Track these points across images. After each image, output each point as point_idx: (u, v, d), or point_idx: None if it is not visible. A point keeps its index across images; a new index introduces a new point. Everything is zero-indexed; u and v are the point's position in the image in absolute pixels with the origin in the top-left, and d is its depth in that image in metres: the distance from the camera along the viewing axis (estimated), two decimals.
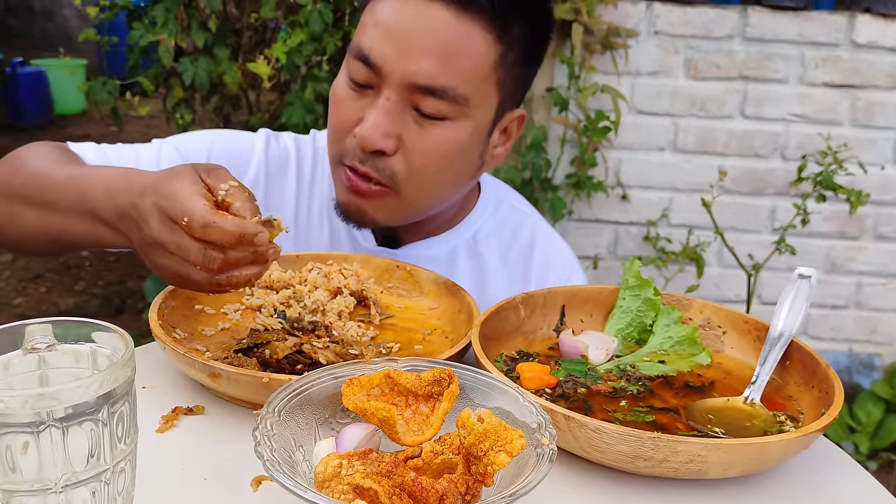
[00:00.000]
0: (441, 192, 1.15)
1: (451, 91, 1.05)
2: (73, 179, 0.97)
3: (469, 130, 1.10)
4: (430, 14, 1.03)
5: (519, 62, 1.12)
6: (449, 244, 1.28)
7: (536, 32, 1.13)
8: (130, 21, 2.63)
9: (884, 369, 2.94)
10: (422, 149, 1.08)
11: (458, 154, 1.10)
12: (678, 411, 0.83)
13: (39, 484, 0.53)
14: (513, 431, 0.61)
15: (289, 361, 0.85)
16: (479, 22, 1.05)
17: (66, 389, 0.53)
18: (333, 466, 0.61)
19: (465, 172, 1.16)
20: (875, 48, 2.64)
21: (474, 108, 1.08)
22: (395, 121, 1.06)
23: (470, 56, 1.05)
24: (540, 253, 1.31)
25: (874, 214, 2.80)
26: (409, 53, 1.03)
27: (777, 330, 0.91)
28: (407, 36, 1.04)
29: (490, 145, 1.17)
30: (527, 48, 1.12)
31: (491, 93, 1.10)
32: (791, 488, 0.77)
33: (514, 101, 1.17)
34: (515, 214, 1.34)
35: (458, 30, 1.04)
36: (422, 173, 1.09)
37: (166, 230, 0.82)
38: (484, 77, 1.08)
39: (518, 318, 0.98)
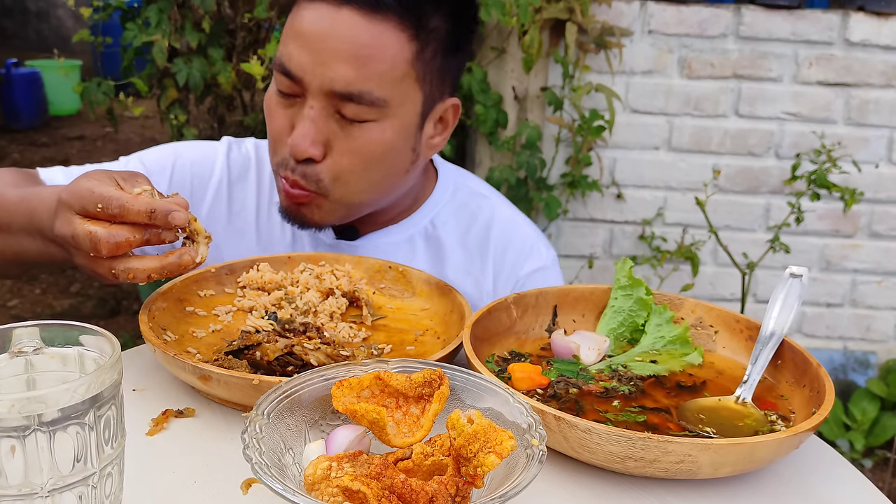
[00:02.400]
0: (373, 189, 1.17)
1: (367, 95, 1.07)
2: (23, 201, 1.00)
3: (394, 129, 1.11)
4: (341, 20, 1.05)
5: (441, 54, 1.12)
6: (407, 231, 1.29)
7: (457, 21, 1.13)
8: (124, 22, 2.62)
9: (879, 367, 2.94)
10: (348, 151, 1.10)
11: (385, 153, 1.12)
12: (670, 411, 0.83)
13: (26, 488, 0.53)
14: (503, 433, 0.61)
15: (280, 363, 0.85)
16: (391, 22, 1.06)
17: (53, 393, 0.52)
18: (323, 469, 0.61)
19: (397, 168, 1.17)
20: (869, 46, 2.64)
21: (397, 107, 1.10)
22: (321, 128, 1.08)
23: (383, 58, 1.06)
24: (498, 232, 1.32)
25: (868, 212, 2.81)
26: (324, 61, 1.05)
27: (768, 329, 0.91)
28: (321, 44, 1.06)
29: (424, 137, 1.18)
30: (448, 38, 1.12)
31: (413, 90, 1.11)
32: (782, 488, 0.77)
33: (444, 92, 1.18)
34: (474, 198, 1.34)
35: (369, 33, 1.05)
36: (349, 175, 1.11)
37: (64, 224, 0.87)
38: (401, 76, 1.09)
39: (510, 319, 0.98)
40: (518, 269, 1.30)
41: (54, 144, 6.38)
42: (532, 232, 1.35)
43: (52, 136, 6.57)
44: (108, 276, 0.88)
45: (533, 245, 1.32)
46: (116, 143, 6.41)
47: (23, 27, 9.18)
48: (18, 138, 6.43)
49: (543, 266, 1.31)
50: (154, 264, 0.87)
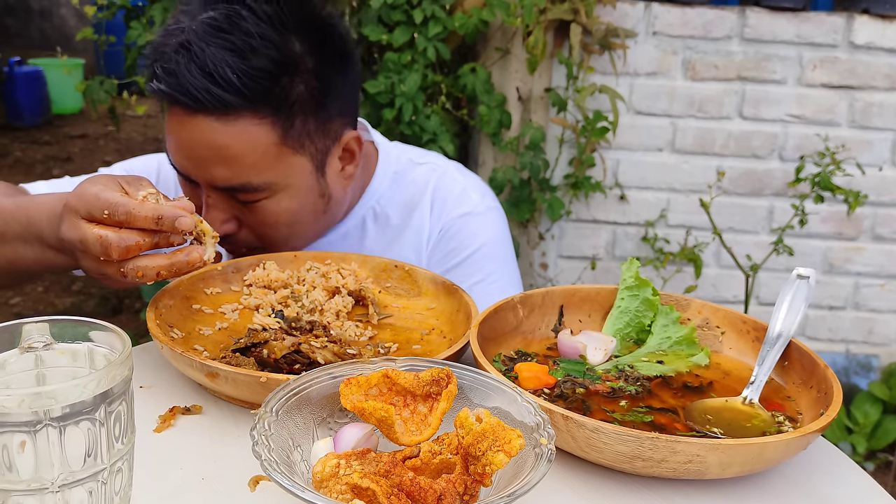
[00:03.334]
0: (301, 237, 1.21)
1: (248, 186, 1.10)
2: (19, 209, 1.01)
3: (291, 196, 1.14)
4: (198, 127, 1.06)
5: (312, 115, 1.13)
6: (356, 216, 1.32)
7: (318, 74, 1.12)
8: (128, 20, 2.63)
9: (881, 370, 2.94)
10: (258, 224, 1.15)
11: (293, 215, 1.16)
12: (677, 412, 0.83)
13: (36, 483, 0.53)
14: (511, 431, 0.61)
15: (287, 361, 0.85)
16: (246, 117, 1.06)
17: (63, 388, 0.52)
18: (331, 466, 0.61)
19: (312, 217, 1.20)
20: (873, 49, 2.64)
21: (284, 181, 1.12)
22: (225, 209, 1.13)
23: (249, 152, 1.08)
24: (433, 187, 1.33)
25: (872, 215, 2.80)
26: (198, 166, 1.09)
27: (775, 330, 0.91)
28: (188, 151, 1.09)
29: (330, 177, 1.20)
30: (314, 97, 1.12)
31: (294, 160, 1.13)
32: (789, 488, 0.77)
33: (336, 136, 1.18)
34: (413, 167, 1.36)
35: (226, 135, 1.06)
36: (271, 238, 1.17)
37: (70, 229, 0.88)
38: (275, 158, 1.10)
39: (516, 318, 0.98)
40: (444, 214, 1.32)
41: (57, 143, 6.38)
42: (466, 181, 1.36)
43: (54, 135, 6.57)
44: (117, 276, 0.88)
45: (463, 191, 1.34)
46: (118, 141, 6.42)
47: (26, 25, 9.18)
48: (21, 136, 6.43)
49: (471, 212, 1.32)
50: (163, 262, 0.88)
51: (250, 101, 1.05)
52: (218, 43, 1.03)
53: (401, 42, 2.47)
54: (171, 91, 1.04)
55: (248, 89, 1.04)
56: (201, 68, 1.03)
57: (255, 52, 1.04)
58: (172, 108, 1.08)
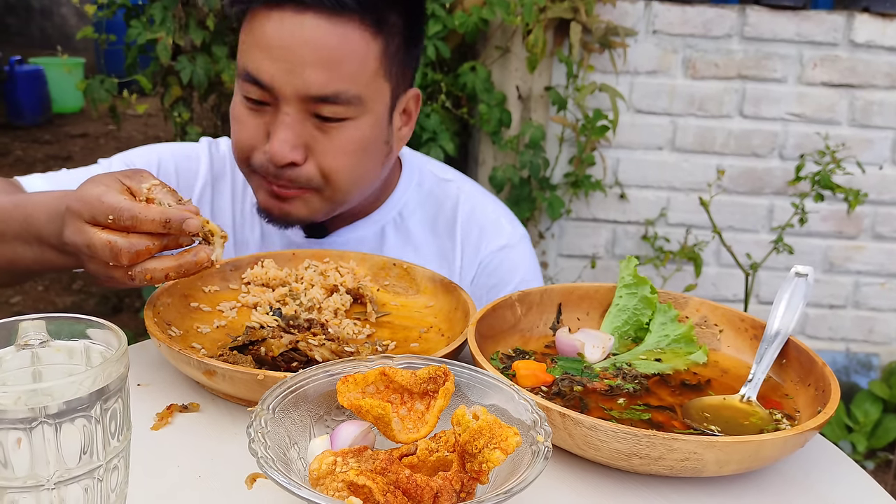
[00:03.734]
0: (359, 184, 1.18)
1: (343, 95, 1.08)
2: (17, 208, 1.00)
3: (370, 125, 1.13)
4: (306, 26, 1.05)
5: (402, 48, 1.14)
6: (376, 224, 1.30)
7: (412, 15, 1.15)
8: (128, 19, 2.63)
9: (881, 369, 2.94)
10: (331, 152, 1.11)
11: (365, 149, 1.14)
12: (674, 409, 0.83)
13: (32, 480, 0.53)
14: (508, 429, 0.61)
15: (284, 359, 0.85)
16: (354, 23, 1.07)
17: (59, 385, 0.52)
18: (328, 464, 0.61)
19: (376, 161, 1.18)
20: (873, 48, 2.64)
21: (370, 103, 1.11)
22: (299, 132, 1.09)
23: (353, 59, 1.07)
24: (463, 213, 1.33)
25: (872, 214, 2.80)
26: (294, 69, 1.06)
27: (773, 328, 0.91)
28: (288, 53, 1.06)
29: (394, 129, 1.20)
30: (405, 32, 1.14)
31: (382, 85, 1.13)
32: (787, 486, 0.77)
33: (406, 84, 1.20)
34: (440, 184, 1.35)
35: (335, 36, 1.06)
36: (336, 174, 1.13)
37: (76, 233, 0.87)
38: (372, 74, 1.10)
39: (514, 316, 0.98)
40: (482, 248, 1.31)
41: (57, 142, 6.39)
42: (496, 209, 1.36)
43: (55, 134, 6.58)
44: (124, 280, 0.88)
45: (496, 222, 1.33)
46: (119, 140, 6.42)
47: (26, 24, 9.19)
48: (21, 135, 6.44)
49: (507, 244, 1.32)
50: (171, 264, 0.88)
51: (362, 7, 1.06)
52: None
53: None
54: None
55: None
56: None
57: None
58: (275, 8, 1.06)
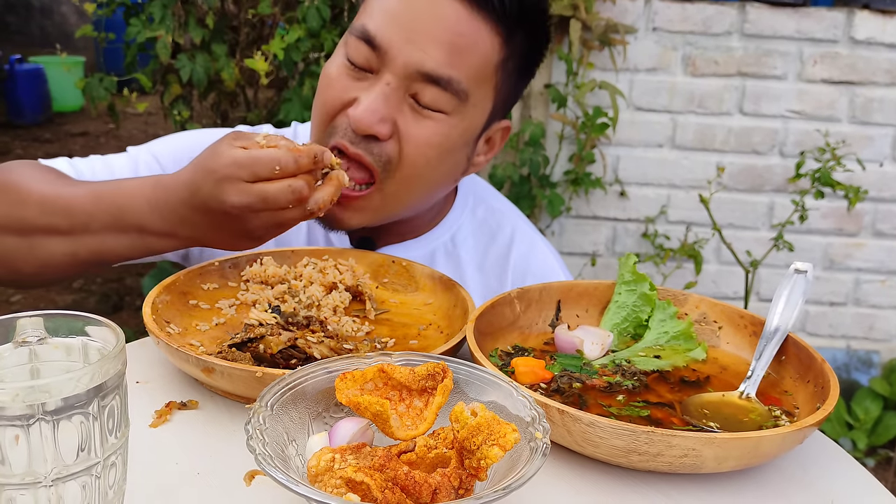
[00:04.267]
0: (426, 188, 1.14)
1: (455, 83, 1.05)
2: (101, 199, 0.98)
3: (461, 129, 1.10)
4: (443, 5, 1.04)
5: (516, 71, 1.13)
6: (427, 247, 1.27)
7: (535, 44, 1.14)
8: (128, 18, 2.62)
9: (882, 366, 2.94)
10: (415, 137, 1.06)
11: (449, 150, 1.10)
12: (673, 406, 0.83)
13: (30, 477, 0.53)
14: (506, 425, 0.61)
15: (283, 356, 0.85)
16: (489, 22, 1.06)
17: (57, 382, 0.52)
18: (326, 460, 0.61)
19: (450, 172, 1.15)
20: (873, 44, 2.64)
21: (471, 107, 1.09)
22: (392, 106, 1.05)
23: (477, 53, 1.06)
24: (517, 255, 1.29)
25: (872, 211, 2.80)
26: (417, 40, 1.03)
27: (773, 325, 0.91)
28: (417, 23, 1.03)
29: (476, 152, 1.18)
30: (525, 58, 1.13)
31: (488, 95, 1.11)
32: (786, 483, 0.77)
33: (504, 110, 1.18)
34: (494, 215, 1.32)
35: (469, 25, 1.04)
36: (413, 163, 1.08)
37: (244, 194, 0.90)
38: (486, 77, 1.09)
39: (513, 313, 0.98)
40: None
41: (57, 140, 6.39)
42: (551, 257, 1.32)
43: (55, 133, 6.58)
44: (301, 217, 0.93)
45: (552, 271, 1.29)
46: (119, 139, 6.42)
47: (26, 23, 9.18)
48: (21, 134, 6.44)
49: None
50: (329, 189, 0.95)
51: (503, 11, 1.06)
52: None
53: None
54: None
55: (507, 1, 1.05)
56: None
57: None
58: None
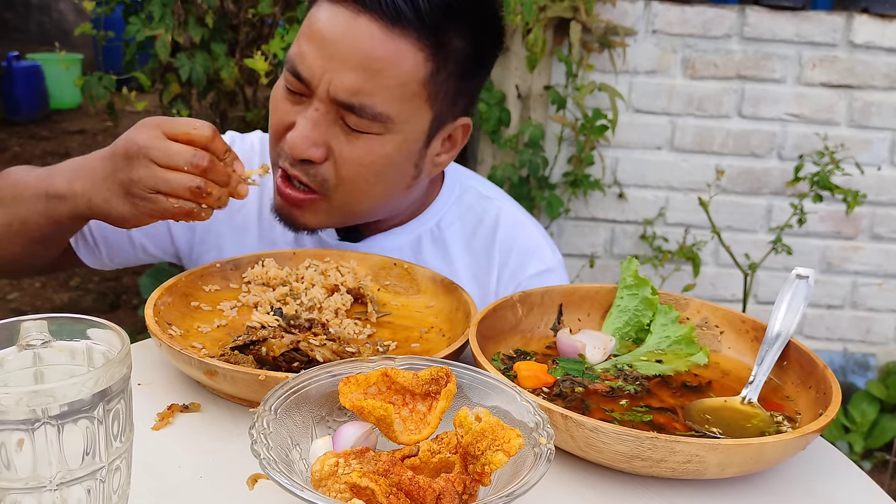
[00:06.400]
0: (373, 200, 1.15)
1: (369, 109, 1.04)
2: (42, 172, 1.07)
3: (396, 145, 1.09)
4: (358, 27, 1.02)
5: (457, 76, 1.10)
6: (413, 233, 1.28)
7: (480, 43, 1.10)
8: (127, 16, 2.62)
9: (878, 369, 2.94)
10: (350, 160, 1.08)
11: (387, 166, 1.10)
12: (675, 411, 0.83)
13: (34, 482, 0.53)
14: (510, 431, 0.61)
15: (285, 359, 0.85)
16: (409, 38, 1.03)
17: (61, 387, 0.52)
18: (330, 465, 0.61)
19: (397, 183, 1.15)
20: (872, 48, 2.64)
21: (401, 124, 1.08)
22: (323, 131, 1.07)
23: (396, 74, 1.04)
24: (503, 233, 1.30)
25: (870, 215, 2.81)
26: (333, 68, 1.03)
27: (774, 330, 0.91)
28: (333, 48, 1.03)
29: (430, 154, 1.16)
30: (467, 61, 1.09)
31: (421, 108, 1.09)
32: (788, 488, 0.77)
33: (456, 112, 1.15)
34: (480, 200, 1.33)
35: (384, 46, 1.03)
36: (351, 182, 1.10)
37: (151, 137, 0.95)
38: (411, 94, 1.06)
39: (515, 317, 0.98)
40: (521, 271, 1.28)
41: (55, 138, 6.37)
42: (538, 233, 1.33)
43: (52, 130, 6.56)
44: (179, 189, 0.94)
45: (538, 246, 1.30)
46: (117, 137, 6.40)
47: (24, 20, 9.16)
48: (19, 131, 6.42)
49: (548, 269, 1.29)
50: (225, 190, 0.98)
51: (422, 25, 1.03)
52: None
53: None
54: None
55: (426, 12, 1.02)
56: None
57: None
58: (336, 2, 1.05)
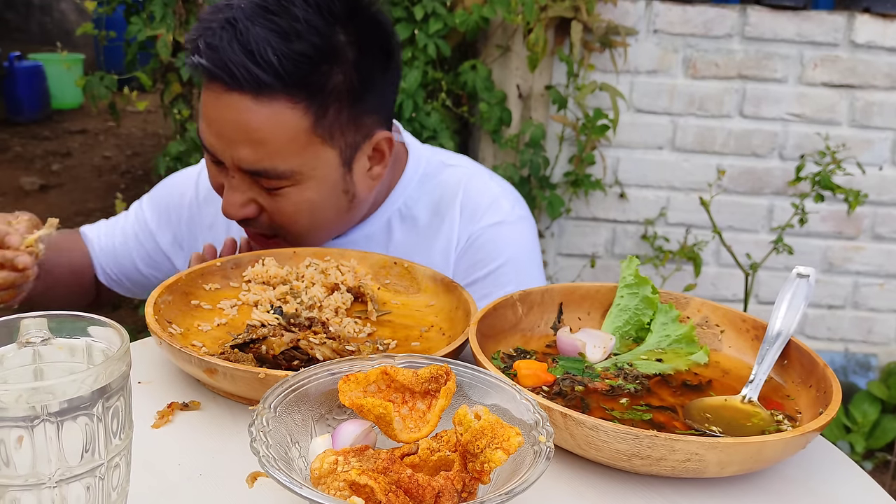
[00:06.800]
0: (322, 231, 1.20)
1: (272, 171, 1.09)
2: None
3: (314, 189, 1.13)
4: (232, 105, 1.06)
5: (347, 107, 1.11)
6: (382, 218, 1.30)
7: (361, 67, 1.12)
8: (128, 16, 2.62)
9: (880, 369, 2.94)
10: (278, 211, 1.14)
11: (314, 207, 1.14)
12: (676, 410, 0.83)
13: (33, 478, 0.53)
14: (510, 429, 0.61)
15: (285, 357, 0.85)
16: (279, 99, 1.06)
17: (61, 384, 0.52)
18: (329, 463, 0.61)
19: (335, 212, 1.18)
20: (874, 48, 2.64)
21: (309, 171, 1.11)
22: (246, 192, 1.13)
23: (279, 136, 1.07)
24: (464, 191, 1.30)
25: (872, 215, 2.80)
26: (227, 144, 1.09)
27: (775, 329, 0.91)
28: (221, 128, 1.08)
29: (357, 175, 1.18)
30: (353, 89, 1.11)
31: (322, 151, 1.11)
32: (788, 487, 0.77)
33: (367, 132, 1.17)
34: (444, 169, 1.33)
35: (259, 116, 1.06)
36: (291, 226, 1.16)
37: None
38: (304, 145, 1.09)
39: (515, 316, 0.97)
40: (476, 221, 1.29)
41: (56, 138, 6.38)
42: (497, 188, 1.33)
43: (54, 130, 6.57)
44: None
45: (495, 199, 1.30)
46: (118, 137, 6.41)
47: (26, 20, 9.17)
48: (21, 131, 6.43)
49: (503, 221, 1.29)
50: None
51: (286, 85, 1.05)
52: (263, 24, 1.04)
53: (401, 38, 2.46)
54: (210, 65, 1.05)
55: (286, 72, 1.04)
56: (243, 46, 1.03)
57: (299, 37, 1.04)
58: (209, 84, 1.08)
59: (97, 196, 5.14)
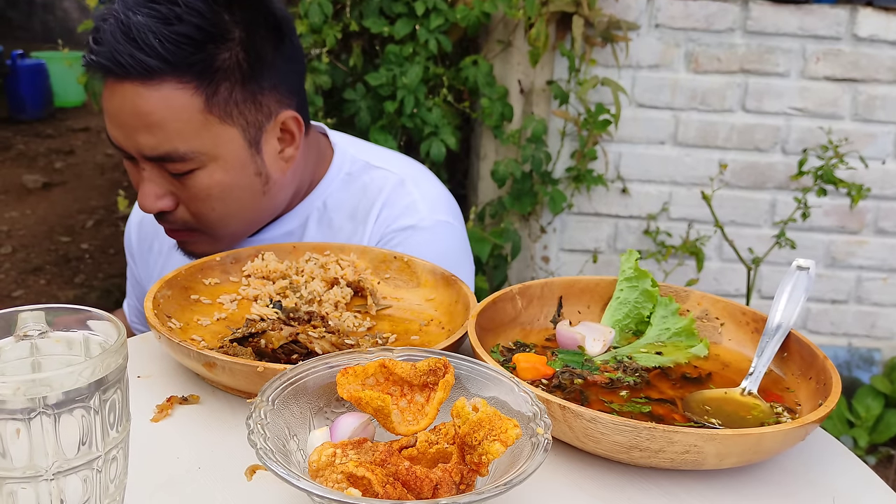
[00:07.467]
0: (239, 219, 1.20)
1: (174, 154, 1.10)
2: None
3: (222, 169, 1.14)
4: (125, 94, 1.08)
5: (240, 83, 1.12)
6: (301, 215, 1.30)
7: (251, 45, 1.12)
8: None
9: (883, 364, 2.94)
10: (192, 198, 1.14)
11: (226, 190, 1.15)
12: (675, 403, 0.83)
13: (31, 471, 0.53)
14: (508, 421, 0.61)
15: (284, 351, 0.85)
16: (168, 82, 1.08)
17: (58, 376, 0.52)
18: (327, 455, 0.61)
19: (250, 195, 1.19)
20: (876, 42, 2.63)
21: (212, 150, 1.12)
22: (159, 183, 1.14)
23: (173, 119, 1.08)
24: (384, 199, 1.30)
25: (875, 209, 2.80)
26: (127, 134, 1.10)
27: (775, 321, 0.91)
28: (120, 119, 1.10)
29: (268, 157, 1.18)
30: (245, 66, 1.12)
31: (222, 130, 1.12)
32: (788, 479, 0.77)
33: (268, 112, 1.17)
34: (368, 171, 1.33)
35: (150, 101, 1.08)
36: (206, 215, 1.16)
37: None
38: (200, 125, 1.10)
39: (515, 309, 0.97)
40: (389, 224, 1.28)
41: (59, 136, 6.39)
42: (416, 192, 1.31)
43: (56, 128, 6.58)
44: None
45: (412, 204, 1.29)
46: None
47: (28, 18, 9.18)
48: (24, 129, 6.44)
49: (415, 225, 1.27)
50: None
51: (173, 67, 1.07)
52: (145, 12, 1.06)
53: (402, 34, 2.46)
54: (99, 59, 1.08)
55: (170, 54, 1.06)
56: (125, 34, 1.06)
57: (180, 20, 1.06)
58: (105, 79, 1.10)
59: (100, 193, 5.15)
